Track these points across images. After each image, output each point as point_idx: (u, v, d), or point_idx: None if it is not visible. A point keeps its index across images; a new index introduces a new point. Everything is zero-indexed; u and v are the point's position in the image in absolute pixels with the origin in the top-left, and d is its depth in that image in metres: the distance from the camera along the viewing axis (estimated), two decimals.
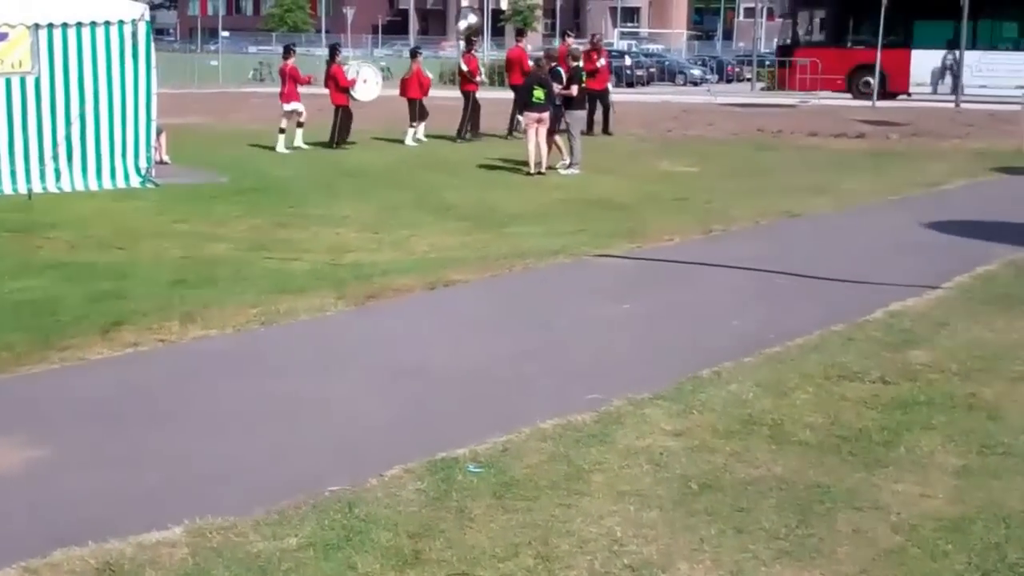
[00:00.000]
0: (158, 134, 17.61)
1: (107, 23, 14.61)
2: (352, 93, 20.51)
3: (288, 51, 20.38)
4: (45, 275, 9.10)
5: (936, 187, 15.03)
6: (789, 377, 6.15)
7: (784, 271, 9.11)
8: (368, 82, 21.29)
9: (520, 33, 25.47)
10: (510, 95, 21.75)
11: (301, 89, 19.83)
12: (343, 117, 20.15)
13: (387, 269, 9.23)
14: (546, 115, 16.91)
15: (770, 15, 60.77)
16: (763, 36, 52.12)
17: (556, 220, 12.40)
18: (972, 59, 30.56)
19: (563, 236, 11.10)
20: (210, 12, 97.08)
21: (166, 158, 17.57)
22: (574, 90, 17.11)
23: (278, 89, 21.08)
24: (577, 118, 17.28)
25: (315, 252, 10.46)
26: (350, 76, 20.60)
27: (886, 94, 31.55)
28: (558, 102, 17.24)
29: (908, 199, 13.94)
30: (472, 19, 27.81)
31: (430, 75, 22.50)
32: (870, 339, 6.96)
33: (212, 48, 70.78)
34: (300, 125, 19.68)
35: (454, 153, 19.66)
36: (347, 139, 20.19)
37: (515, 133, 21.68)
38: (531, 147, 16.73)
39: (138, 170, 15.14)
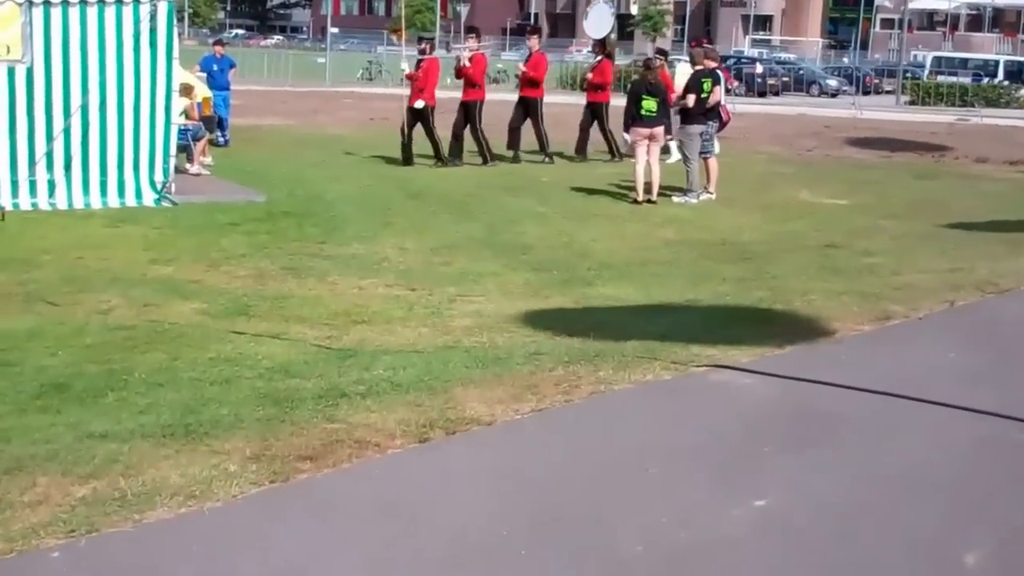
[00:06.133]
0: (196, 138, 14.94)
1: (119, 2, 11.74)
2: None
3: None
4: None
5: None
6: None
7: (1018, 414, 5.50)
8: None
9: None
10: None
11: None
12: None
13: (379, 379, 5.78)
14: (659, 130, 13.61)
15: (909, 27, 57.40)
16: (903, 47, 48.00)
17: (660, 276, 9.13)
18: None
19: (666, 313, 7.75)
20: (343, 12, 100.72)
21: (203, 169, 14.90)
22: (690, 100, 13.62)
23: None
24: (691, 135, 13.79)
25: (311, 322, 7.39)
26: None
27: None
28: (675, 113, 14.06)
29: None
30: None
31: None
32: None
33: (341, 47, 70.30)
34: None
35: (550, 172, 16.48)
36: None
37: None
38: (640, 169, 13.47)
39: (153, 185, 12.28)
